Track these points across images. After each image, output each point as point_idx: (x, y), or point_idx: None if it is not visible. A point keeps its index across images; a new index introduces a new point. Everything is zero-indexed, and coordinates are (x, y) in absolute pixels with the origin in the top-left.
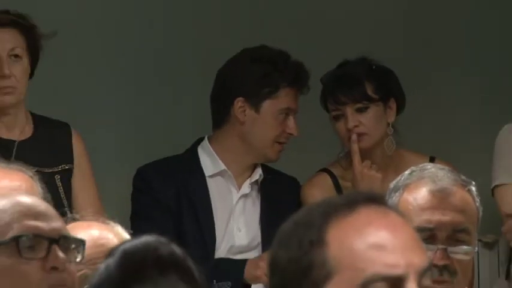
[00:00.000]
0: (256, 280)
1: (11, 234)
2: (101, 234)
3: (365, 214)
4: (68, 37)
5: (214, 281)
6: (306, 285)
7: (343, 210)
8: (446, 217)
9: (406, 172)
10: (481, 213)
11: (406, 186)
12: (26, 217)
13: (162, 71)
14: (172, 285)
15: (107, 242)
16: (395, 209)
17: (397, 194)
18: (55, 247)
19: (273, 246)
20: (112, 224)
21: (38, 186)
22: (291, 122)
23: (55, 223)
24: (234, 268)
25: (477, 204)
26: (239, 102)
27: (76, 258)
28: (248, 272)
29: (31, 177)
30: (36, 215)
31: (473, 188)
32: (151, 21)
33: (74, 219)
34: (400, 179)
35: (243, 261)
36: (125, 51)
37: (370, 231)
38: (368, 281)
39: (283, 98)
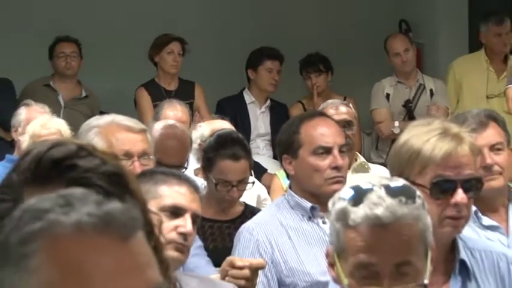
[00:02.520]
0: None
1: None
2: (222, 125)
3: (317, 120)
4: None
5: None
6: (291, 151)
7: (308, 117)
8: (339, 117)
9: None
10: (356, 115)
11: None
12: None
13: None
14: (237, 150)
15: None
16: (331, 118)
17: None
18: None
19: (278, 135)
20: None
21: (188, 113)
22: (274, 73)
23: None
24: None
25: (354, 112)
26: (249, 71)
27: None
28: None
29: (185, 106)
30: None
31: (351, 106)
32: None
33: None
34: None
35: None
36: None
37: (319, 127)
38: (317, 148)
39: (265, 65)
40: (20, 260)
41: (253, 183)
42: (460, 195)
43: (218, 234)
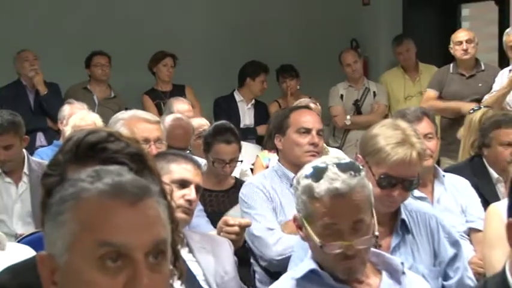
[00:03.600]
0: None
1: None
2: (199, 121)
3: (303, 110)
4: None
5: None
6: (281, 130)
7: (296, 108)
8: (313, 107)
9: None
10: (321, 110)
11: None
12: None
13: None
14: (229, 136)
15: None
16: (312, 109)
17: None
18: None
19: (272, 120)
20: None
21: (190, 105)
22: (263, 84)
23: None
24: None
25: (319, 108)
26: (248, 79)
27: None
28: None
29: (188, 103)
30: None
31: (317, 104)
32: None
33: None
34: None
35: None
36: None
37: (303, 115)
38: (300, 128)
39: (261, 77)
40: (56, 216)
41: (241, 161)
42: (397, 192)
43: (215, 201)
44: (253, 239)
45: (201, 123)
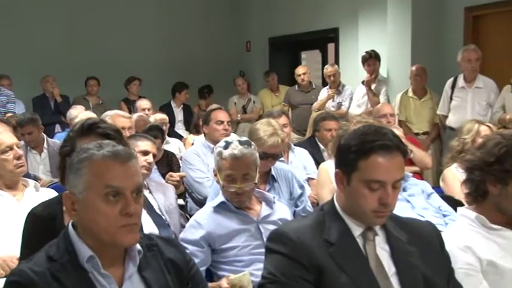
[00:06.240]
0: None
1: None
2: (161, 116)
3: (219, 110)
4: None
5: None
6: (206, 122)
7: (214, 110)
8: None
9: None
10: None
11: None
12: None
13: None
14: (156, 133)
15: (162, 117)
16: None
17: None
18: None
19: (193, 118)
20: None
21: (150, 104)
22: (186, 95)
23: None
24: None
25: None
26: (176, 93)
27: None
28: None
29: (148, 101)
30: None
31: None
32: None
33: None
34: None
35: None
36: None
37: (219, 113)
38: (217, 121)
39: (184, 91)
40: (76, 171)
41: (163, 151)
42: (270, 162)
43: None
44: (193, 183)
45: (163, 117)
